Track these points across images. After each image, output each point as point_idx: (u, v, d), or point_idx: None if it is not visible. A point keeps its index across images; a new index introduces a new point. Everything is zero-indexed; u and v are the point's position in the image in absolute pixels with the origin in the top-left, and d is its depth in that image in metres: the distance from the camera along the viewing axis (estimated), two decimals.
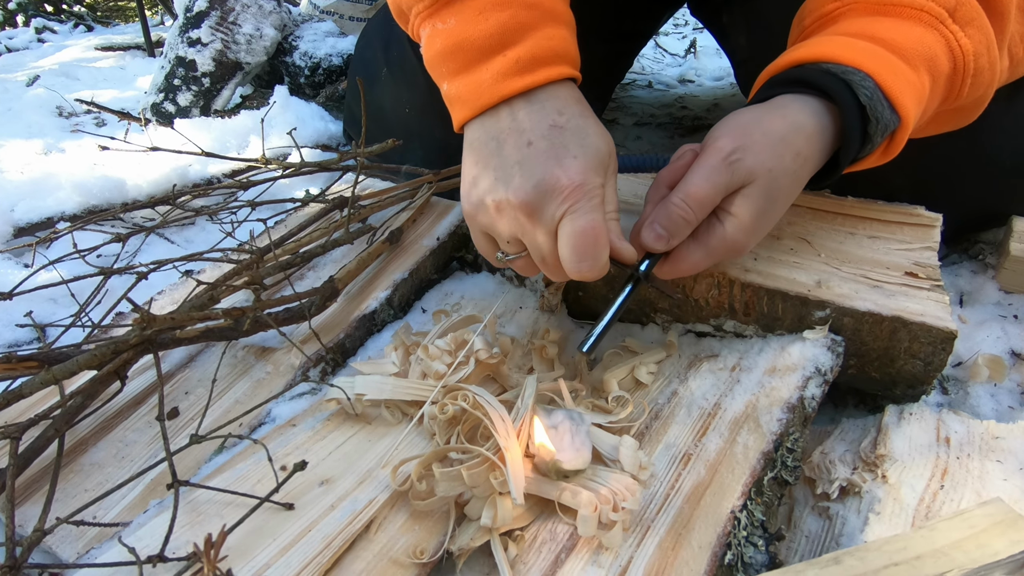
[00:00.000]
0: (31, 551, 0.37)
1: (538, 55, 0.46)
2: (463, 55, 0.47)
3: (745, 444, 0.44)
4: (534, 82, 0.46)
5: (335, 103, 1.22)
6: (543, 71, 0.46)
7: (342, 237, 0.63)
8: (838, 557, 0.33)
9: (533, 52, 0.46)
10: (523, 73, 0.46)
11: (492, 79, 0.46)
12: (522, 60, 0.46)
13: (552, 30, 0.47)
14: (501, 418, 0.44)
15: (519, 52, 0.46)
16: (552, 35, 0.47)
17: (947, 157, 0.63)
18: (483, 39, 0.46)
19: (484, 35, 0.46)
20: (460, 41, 0.47)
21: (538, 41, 0.46)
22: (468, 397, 0.46)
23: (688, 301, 0.56)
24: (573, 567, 0.40)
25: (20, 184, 0.90)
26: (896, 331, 0.48)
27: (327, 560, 0.40)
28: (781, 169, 0.46)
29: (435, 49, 0.48)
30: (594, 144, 0.45)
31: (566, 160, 0.44)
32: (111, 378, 0.50)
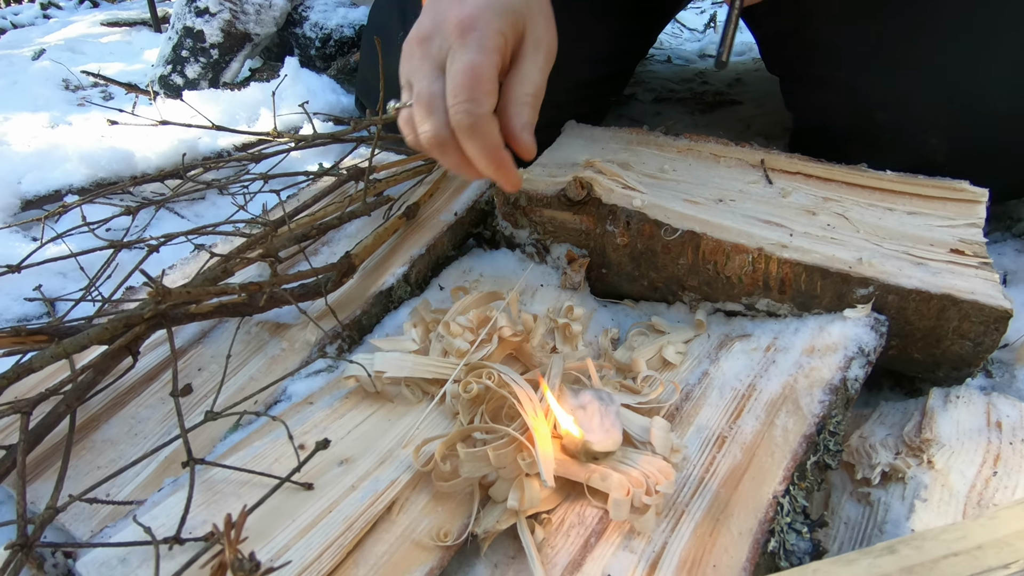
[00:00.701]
0: (43, 529, 0.36)
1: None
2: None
3: (785, 427, 0.42)
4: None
5: (347, 76, 1.19)
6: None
7: (359, 208, 0.61)
8: (892, 546, 0.32)
9: None
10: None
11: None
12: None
13: None
14: (528, 397, 0.42)
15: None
16: None
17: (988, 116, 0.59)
18: None
19: None
20: None
21: None
22: (493, 375, 0.44)
23: (719, 277, 0.53)
24: (603, 552, 0.39)
25: (27, 156, 0.88)
26: (945, 310, 0.45)
27: (349, 542, 0.38)
28: None
29: None
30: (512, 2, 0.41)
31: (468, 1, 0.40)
32: (123, 353, 0.49)
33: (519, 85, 0.42)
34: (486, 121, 0.39)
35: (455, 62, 0.39)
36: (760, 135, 0.97)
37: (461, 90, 0.38)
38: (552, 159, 0.65)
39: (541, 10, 0.44)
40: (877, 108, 0.64)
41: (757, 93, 1.15)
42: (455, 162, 0.42)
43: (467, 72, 0.38)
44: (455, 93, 0.39)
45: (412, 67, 0.42)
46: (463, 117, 0.39)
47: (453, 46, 0.40)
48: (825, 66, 0.67)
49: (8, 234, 0.77)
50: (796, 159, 0.62)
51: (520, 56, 0.43)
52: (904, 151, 0.63)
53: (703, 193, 0.58)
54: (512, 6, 0.41)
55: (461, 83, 0.38)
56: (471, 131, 0.39)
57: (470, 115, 0.38)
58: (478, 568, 0.40)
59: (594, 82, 0.85)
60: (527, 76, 0.42)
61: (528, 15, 0.42)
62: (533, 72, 0.42)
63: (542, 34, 0.43)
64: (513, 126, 0.41)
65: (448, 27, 0.40)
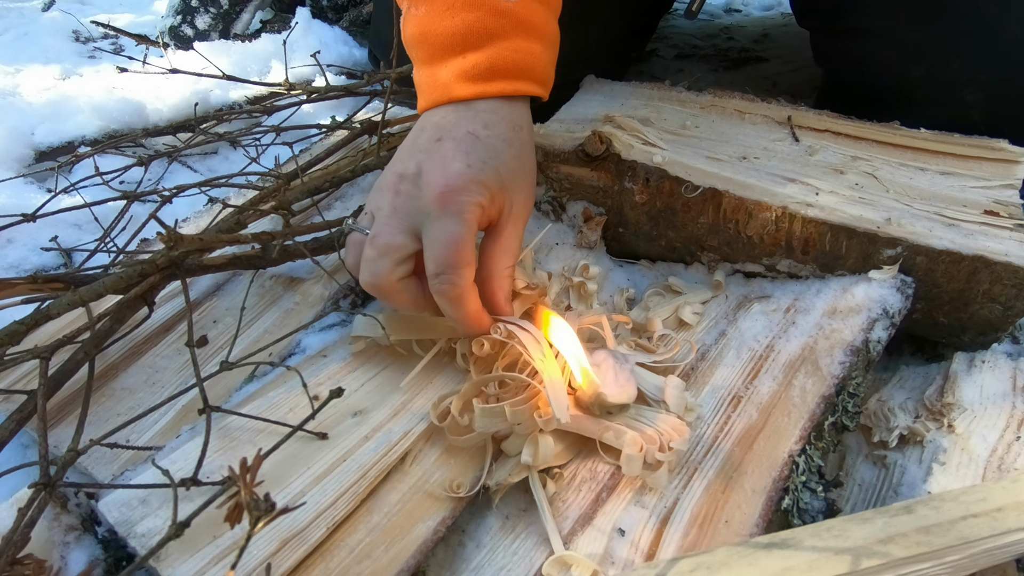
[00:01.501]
0: (66, 470, 0.37)
1: (497, 65, 0.43)
2: (427, 47, 0.45)
3: (803, 387, 0.42)
4: (485, 92, 0.43)
5: (359, 28, 1.16)
6: (498, 83, 0.44)
7: (372, 162, 0.60)
8: (910, 506, 0.31)
9: (492, 61, 0.43)
10: (476, 80, 0.43)
11: (448, 78, 0.44)
12: (479, 67, 0.43)
13: (520, 43, 0.44)
14: (536, 340, 0.42)
15: (477, 58, 0.43)
16: (519, 48, 0.44)
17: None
18: (445, 37, 0.44)
19: (447, 33, 0.44)
20: (426, 32, 0.45)
21: (501, 52, 0.43)
22: (500, 329, 0.44)
23: (740, 237, 0.52)
24: (615, 507, 0.39)
25: (39, 108, 0.87)
26: (976, 272, 0.44)
27: (363, 490, 0.39)
28: None
29: (407, 32, 0.47)
30: (498, 172, 0.41)
31: (455, 165, 0.40)
32: (138, 302, 0.49)
33: (501, 257, 0.43)
34: (467, 292, 0.40)
35: (437, 231, 0.39)
36: (787, 93, 0.94)
37: (445, 264, 0.39)
38: (570, 114, 0.63)
39: (522, 185, 0.44)
40: (913, 62, 0.61)
41: (785, 49, 1.11)
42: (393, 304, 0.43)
43: (450, 246, 0.39)
44: (438, 264, 0.39)
45: (381, 204, 0.42)
46: (448, 288, 0.40)
47: (433, 213, 0.40)
48: (859, 17, 0.64)
49: (23, 185, 0.77)
50: (825, 116, 0.60)
51: (500, 227, 0.43)
52: (939, 108, 0.60)
53: (726, 150, 0.56)
54: (494, 181, 0.41)
55: (445, 256, 0.39)
56: (454, 302, 0.40)
57: (454, 288, 0.40)
58: (489, 520, 0.40)
59: (615, 37, 0.82)
60: (508, 248, 0.43)
61: (509, 191, 0.42)
62: (513, 244, 0.43)
63: (522, 208, 0.44)
64: (498, 300, 0.43)
65: (428, 195, 0.40)
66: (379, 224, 0.41)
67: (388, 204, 0.41)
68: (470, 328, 0.42)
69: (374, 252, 0.41)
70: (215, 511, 0.31)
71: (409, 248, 0.41)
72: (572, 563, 0.36)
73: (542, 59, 0.46)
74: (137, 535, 0.35)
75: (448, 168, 0.40)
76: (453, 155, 0.41)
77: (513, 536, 0.39)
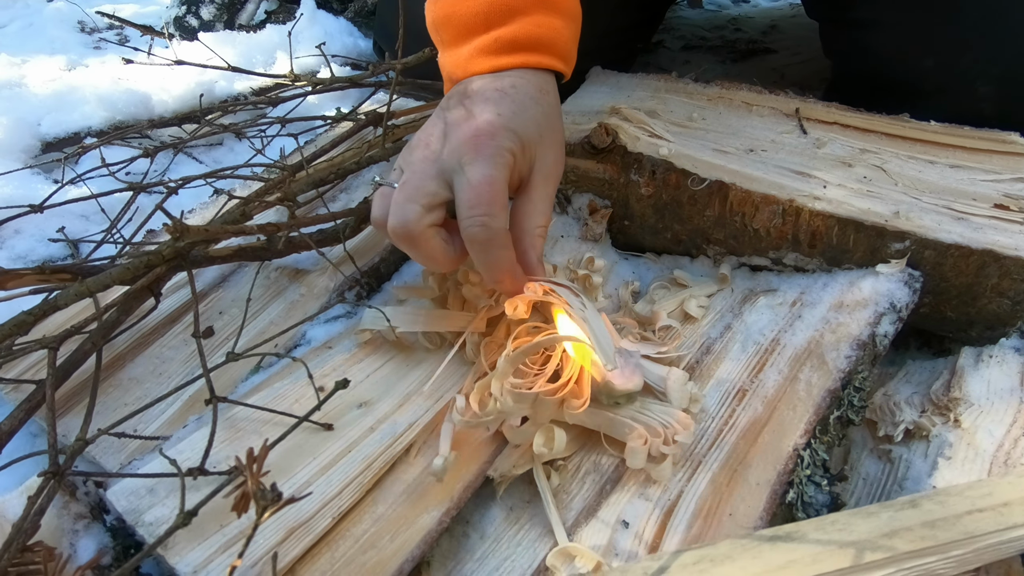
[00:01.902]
0: (74, 459, 0.37)
1: (519, 39, 0.44)
2: (451, 28, 0.46)
3: (808, 381, 0.42)
4: (508, 64, 0.44)
5: (364, 19, 1.15)
6: (520, 55, 0.44)
7: (377, 154, 0.60)
8: (915, 500, 0.31)
9: (515, 34, 0.44)
10: (499, 53, 0.44)
11: (469, 54, 0.45)
12: (501, 40, 0.44)
13: (543, 18, 0.44)
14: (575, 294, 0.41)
15: (500, 33, 0.44)
16: (541, 22, 0.44)
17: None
18: (469, 16, 0.44)
19: (471, 12, 0.44)
20: (449, 15, 0.45)
21: (523, 26, 0.44)
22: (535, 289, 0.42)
23: (747, 230, 0.52)
24: (619, 498, 0.39)
25: (45, 98, 0.88)
26: (985, 266, 0.43)
27: (368, 480, 0.39)
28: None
29: (432, 15, 0.47)
30: (529, 123, 0.41)
31: (485, 114, 0.40)
32: (145, 293, 0.49)
33: (532, 216, 0.42)
34: (501, 236, 0.39)
35: (470, 173, 0.38)
36: (795, 85, 0.93)
37: (478, 203, 0.38)
38: (575, 106, 0.63)
39: (552, 141, 0.43)
40: (924, 54, 0.60)
41: (793, 41, 1.10)
42: (417, 255, 0.41)
43: (484, 185, 0.38)
44: (472, 204, 0.38)
45: (411, 159, 0.42)
46: (479, 231, 0.38)
47: (465, 157, 0.39)
48: (870, 7, 0.63)
49: (30, 175, 0.77)
50: (833, 108, 0.59)
51: (530, 186, 0.42)
52: (950, 101, 0.59)
53: (733, 143, 0.56)
54: (523, 134, 0.41)
55: (478, 196, 0.38)
56: (486, 245, 0.39)
57: (487, 229, 0.38)
58: (494, 511, 0.41)
59: (621, 28, 0.81)
60: (539, 208, 0.42)
61: (540, 145, 0.42)
62: (544, 204, 0.42)
63: (552, 166, 0.43)
64: (530, 258, 0.42)
65: (460, 139, 0.39)
66: (410, 171, 0.41)
67: (419, 155, 0.41)
68: (502, 279, 0.41)
69: (403, 196, 0.40)
70: (222, 500, 0.32)
71: (440, 195, 0.40)
72: (576, 554, 0.36)
73: (564, 34, 0.46)
74: (145, 523, 0.36)
75: (479, 117, 0.40)
76: (483, 107, 0.41)
77: (517, 527, 0.39)
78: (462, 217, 0.39)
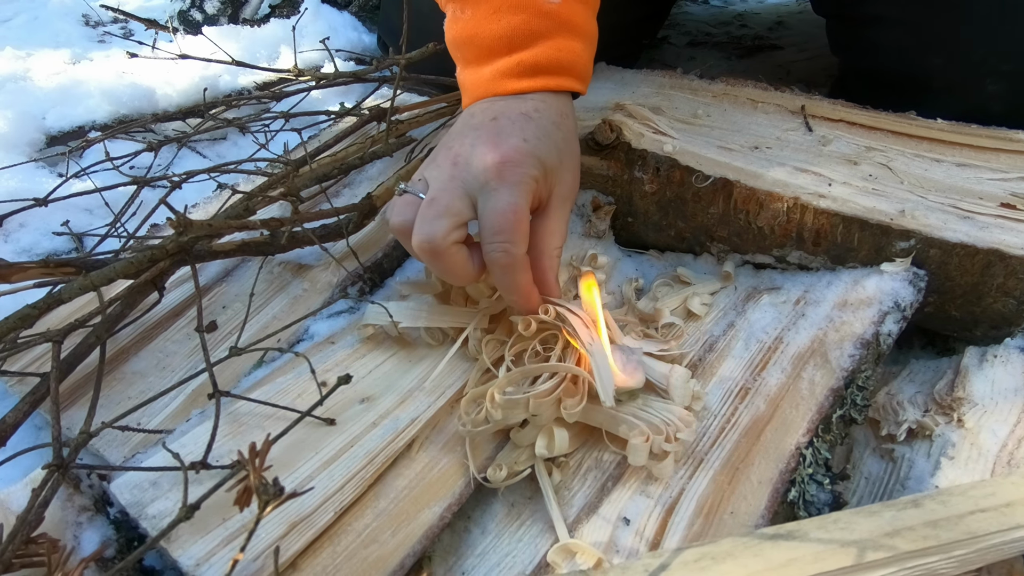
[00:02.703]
0: (78, 452, 0.37)
1: (541, 63, 0.45)
2: (474, 49, 0.47)
3: (811, 380, 0.41)
4: (530, 87, 0.45)
5: (368, 13, 1.15)
6: (542, 79, 0.45)
7: (381, 149, 0.60)
8: (917, 500, 0.31)
9: (537, 59, 0.45)
10: (521, 76, 0.45)
11: (491, 76, 0.46)
12: (524, 64, 0.45)
13: (564, 41, 0.45)
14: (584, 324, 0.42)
15: (523, 57, 0.45)
16: (562, 46, 0.45)
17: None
18: (492, 39, 0.45)
19: (494, 35, 0.45)
20: (472, 35, 0.46)
21: (545, 50, 0.45)
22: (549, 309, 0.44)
23: (751, 228, 0.51)
24: (620, 495, 0.39)
25: (50, 92, 0.88)
26: (990, 265, 0.43)
27: (370, 476, 0.39)
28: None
29: (452, 34, 0.48)
30: (551, 149, 0.43)
31: (512, 139, 0.41)
32: (148, 287, 0.49)
33: (551, 238, 0.43)
34: (521, 261, 0.41)
35: (496, 199, 0.40)
36: (801, 82, 0.92)
37: (502, 231, 0.40)
38: (580, 103, 0.63)
39: (570, 166, 0.45)
40: (932, 51, 0.60)
41: (800, 37, 1.09)
42: (438, 269, 0.43)
43: (508, 213, 0.39)
44: (496, 231, 0.40)
45: (437, 174, 0.43)
46: (501, 256, 0.40)
47: (492, 182, 0.40)
48: (878, 4, 0.63)
49: (35, 169, 0.77)
50: (839, 105, 0.59)
51: (549, 209, 0.44)
52: (959, 98, 0.59)
53: (738, 140, 0.56)
54: (547, 160, 0.42)
55: (503, 223, 0.40)
56: (508, 270, 0.41)
57: (509, 255, 0.40)
58: (495, 507, 0.41)
59: (626, 23, 0.81)
60: (557, 230, 0.44)
61: (559, 170, 0.43)
62: (561, 226, 0.44)
63: (569, 190, 0.45)
64: (548, 278, 0.43)
65: (487, 163, 0.41)
66: (438, 188, 0.42)
67: (447, 173, 0.42)
68: (520, 300, 0.43)
69: (433, 212, 0.41)
70: (224, 494, 0.32)
71: (465, 215, 0.41)
72: (577, 551, 0.36)
73: (583, 56, 0.47)
74: (148, 516, 0.36)
75: (505, 142, 0.41)
76: (509, 131, 0.42)
77: (519, 523, 0.39)
78: (486, 241, 0.40)
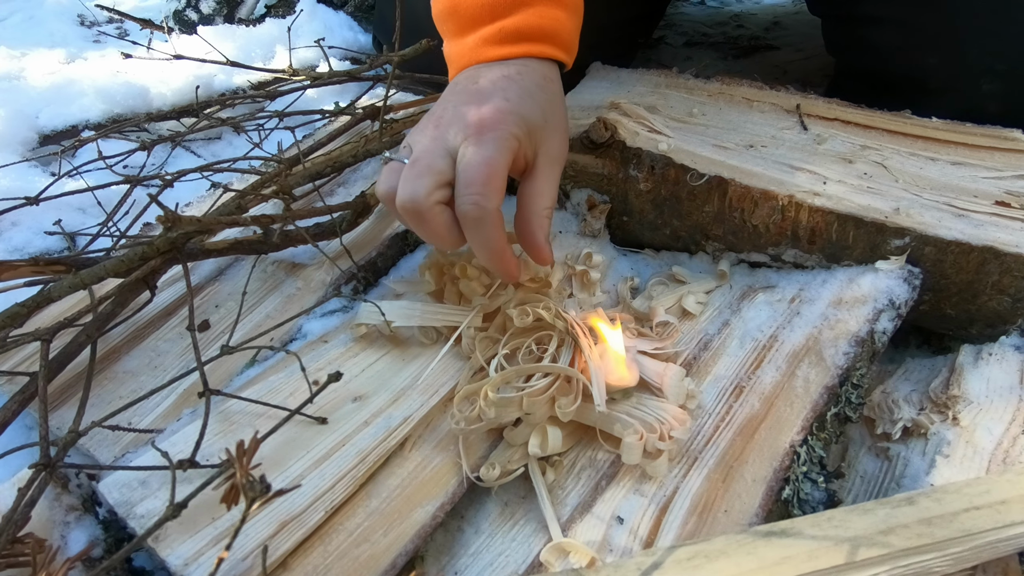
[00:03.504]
0: (66, 451, 0.37)
1: (523, 29, 0.45)
2: (457, 19, 0.47)
3: (806, 378, 0.41)
4: (512, 53, 0.45)
5: (364, 13, 1.15)
6: (524, 45, 0.45)
7: (375, 147, 0.60)
8: (912, 497, 0.31)
9: (518, 25, 0.45)
10: (503, 43, 0.45)
11: (474, 44, 0.46)
12: (505, 30, 0.45)
13: (546, 9, 0.46)
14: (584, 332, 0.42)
15: (505, 23, 0.45)
16: (544, 14, 0.46)
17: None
18: (475, 8, 0.46)
19: (477, 4, 0.45)
20: (455, 6, 0.46)
21: (527, 17, 0.45)
22: (550, 308, 0.44)
23: (746, 226, 0.51)
24: (614, 494, 0.39)
25: (44, 91, 0.87)
26: (985, 263, 0.43)
27: (361, 474, 0.39)
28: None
29: (438, 7, 0.48)
30: (534, 109, 0.43)
31: (493, 99, 0.42)
32: (140, 286, 0.49)
33: (538, 198, 0.43)
34: (493, 216, 0.40)
35: (470, 155, 0.40)
36: (797, 81, 0.92)
37: (473, 183, 0.39)
38: (575, 101, 0.63)
39: (557, 127, 0.45)
40: (928, 50, 0.60)
41: (796, 37, 1.09)
42: (424, 232, 0.42)
43: (481, 167, 0.39)
44: (467, 184, 0.39)
45: (420, 138, 0.43)
46: (471, 209, 0.39)
47: (469, 139, 0.40)
48: (874, 4, 0.63)
49: (28, 168, 0.77)
50: (835, 104, 0.59)
51: (535, 170, 0.43)
52: (955, 98, 0.59)
53: (733, 138, 0.55)
54: (530, 119, 0.42)
55: (474, 176, 0.39)
56: (477, 223, 0.40)
57: (479, 208, 0.39)
58: (488, 506, 0.40)
59: (621, 23, 0.81)
60: (545, 190, 0.43)
61: (545, 130, 0.43)
62: (549, 187, 0.44)
63: (557, 151, 0.45)
64: (537, 238, 0.43)
65: (467, 122, 0.41)
66: (420, 149, 0.42)
67: (429, 135, 0.42)
68: (494, 259, 0.42)
69: (413, 172, 0.41)
70: (213, 494, 0.31)
71: (448, 174, 0.41)
72: (570, 550, 0.36)
73: (567, 25, 0.47)
74: (136, 516, 0.36)
75: (486, 101, 0.42)
76: (491, 91, 0.43)
77: (512, 522, 0.39)
78: (458, 195, 0.40)
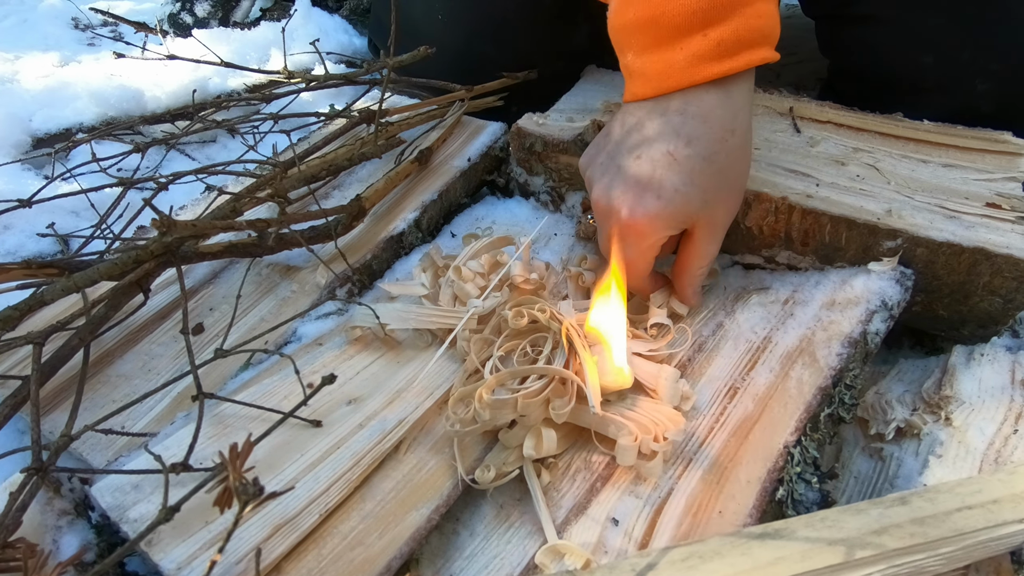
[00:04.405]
0: (58, 455, 0.36)
1: (743, 36, 0.40)
2: (657, 30, 0.41)
3: (800, 379, 0.41)
4: (733, 68, 0.40)
5: (359, 16, 1.15)
6: (744, 56, 0.41)
7: (370, 150, 0.60)
8: (904, 497, 0.31)
9: (739, 33, 0.40)
10: (723, 57, 0.40)
11: (686, 61, 0.41)
12: (725, 42, 0.40)
13: (763, 5, 0.41)
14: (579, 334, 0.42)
15: (723, 32, 0.40)
16: (762, 12, 0.41)
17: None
18: (685, 15, 0.40)
19: (686, 11, 0.40)
20: (656, 16, 0.41)
21: (747, 19, 0.40)
22: (545, 309, 0.44)
23: (739, 228, 0.51)
24: (609, 496, 0.39)
25: (37, 94, 0.87)
26: (976, 264, 0.43)
27: (356, 477, 0.38)
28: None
29: (625, 19, 0.43)
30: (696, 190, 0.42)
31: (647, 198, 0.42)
32: (133, 289, 0.49)
33: (694, 260, 0.46)
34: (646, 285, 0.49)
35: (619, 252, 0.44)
36: (790, 84, 0.93)
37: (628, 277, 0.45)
38: (570, 104, 0.63)
39: (724, 196, 0.44)
40: (923, 50, 0.60)
41: (788, 40, 1.09)
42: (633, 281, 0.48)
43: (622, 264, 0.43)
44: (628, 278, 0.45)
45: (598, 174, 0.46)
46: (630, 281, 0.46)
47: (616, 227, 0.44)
48: (868, 4, 0.63)
49: (21, 171, 0.77)
50: (827, 107, 0.59)
51: (694, 237, 0.45)
52: (949, 97, 0.59)
53: None
54: (684, 212, 0.43)
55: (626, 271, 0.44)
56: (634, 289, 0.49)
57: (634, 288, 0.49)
58: (484, 509, 0.40)
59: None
60: (701, 252, 0.46)
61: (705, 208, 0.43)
62: (706, 248, 0.46)
63: (720, 218, 0.45)
64: (686, 294, 0.49)
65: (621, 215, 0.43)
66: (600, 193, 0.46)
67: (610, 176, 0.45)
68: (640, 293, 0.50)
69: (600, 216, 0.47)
70: (207, 497, 0.31)
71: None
72: (565, 552, 0.36)
73: (778, 16, 0.43)
74: (129, 520, 0.35)
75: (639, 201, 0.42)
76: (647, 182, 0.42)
77: (507, 525, 0.39)
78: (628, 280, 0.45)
